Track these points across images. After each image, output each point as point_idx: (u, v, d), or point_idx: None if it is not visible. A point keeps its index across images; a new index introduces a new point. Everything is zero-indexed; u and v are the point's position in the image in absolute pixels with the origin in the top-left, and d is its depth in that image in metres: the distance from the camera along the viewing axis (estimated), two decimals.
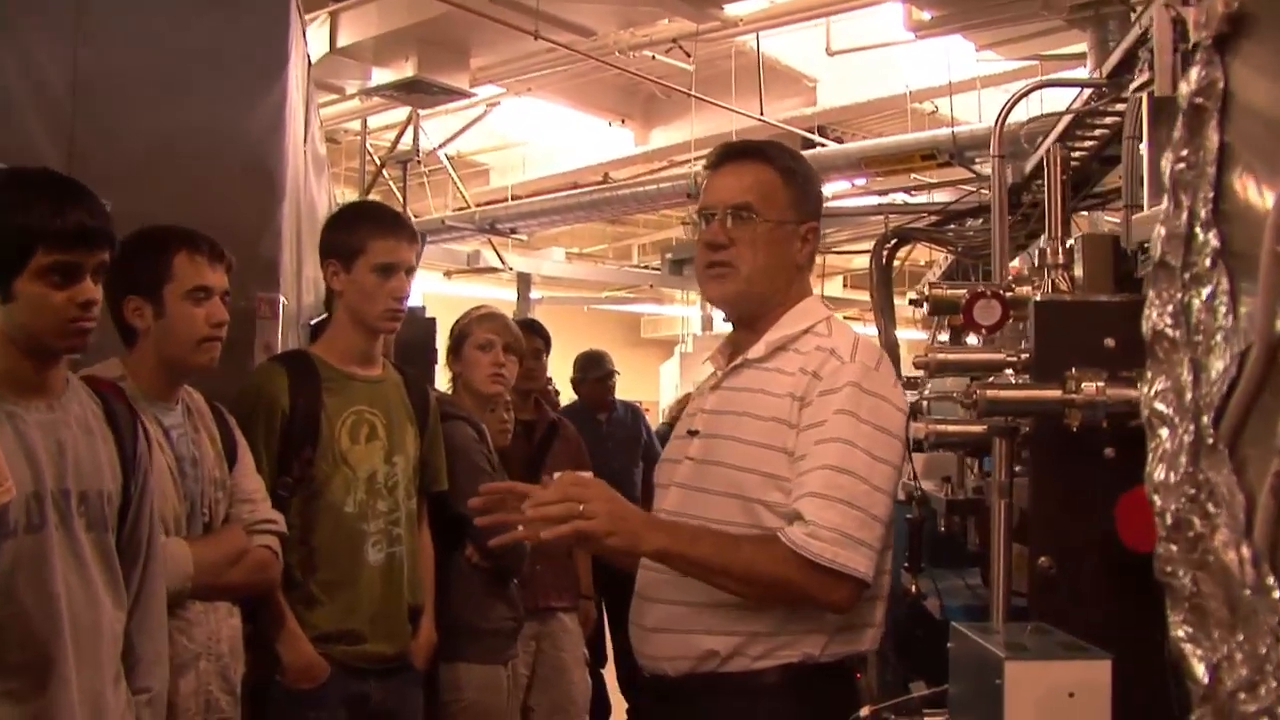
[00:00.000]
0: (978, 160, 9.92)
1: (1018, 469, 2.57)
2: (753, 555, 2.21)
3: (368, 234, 3.29)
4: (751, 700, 2.28)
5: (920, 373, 5.65)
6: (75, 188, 2.26)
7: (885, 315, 6.54)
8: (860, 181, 11.38)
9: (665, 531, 2.25)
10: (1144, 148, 2.48)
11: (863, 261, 15.44)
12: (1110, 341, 2.28)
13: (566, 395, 7.40)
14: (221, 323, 2.86)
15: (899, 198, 11.27)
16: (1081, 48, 8.05)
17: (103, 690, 2.25)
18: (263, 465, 3.12)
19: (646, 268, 18.59)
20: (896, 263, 6.80)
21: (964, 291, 2.62)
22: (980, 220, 6.59)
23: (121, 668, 2.34)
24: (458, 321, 4.14)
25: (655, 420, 12.81)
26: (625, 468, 6.80)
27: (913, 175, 10.99)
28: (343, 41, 9.17)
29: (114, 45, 3.66)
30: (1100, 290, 2.53)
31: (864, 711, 2.09)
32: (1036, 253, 2.79)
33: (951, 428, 2.78)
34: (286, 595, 3.13)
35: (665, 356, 18.83)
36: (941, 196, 10.49)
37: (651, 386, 17.19)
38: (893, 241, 6.75)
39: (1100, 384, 2.19)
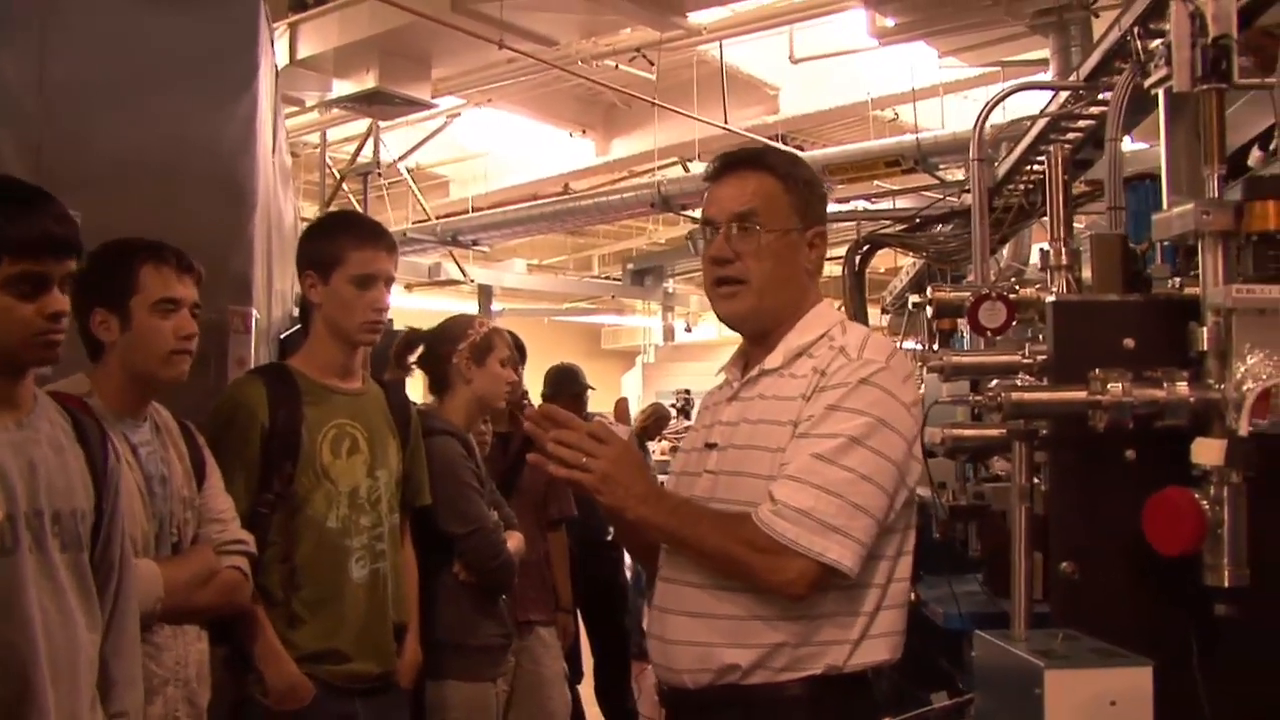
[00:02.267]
0: (942, 166, 9.96)
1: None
2: (711, 530, 2.20)
3: (346, 244, 3.21)
4: (772, 713, 2.22)
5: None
6: (41, 195, 2.17)
7: (859, 321, 6.53)
8: None
9: (653, 504, 2.22)
10: (1135, 144, 2.43)
11: (830, 269, 15.47)
12: (1130, 342, 2.24)
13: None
14: (190, 335, 2.77)
15: (861, 205, 11.29)
16: (1044, 53, 8.08)
17: (80, 716, 2.17)
18: (242, 481, 3.03)
19: (608, 278, 18.56)
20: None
21: (968, 294, 2.58)
22: (950, 226, 6.60)
23: (97, 693, 2.25)
24: (462, 330, 3.98)
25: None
26: None
27: (875, 182, 11.01)
28: (303, 53, 9.10)
29: (81, 54, 3.57)
30: (1110, 291, 2.48)
31: None
32: (1039, 254, 2.74)
33: (968, 432, 2.72)
34: (268, 614, 3.04)
35: (627, 367, 18.81)
36: (904, 204, 10.54)
37: (613, 397, 17.12)
38: (865, 247, 6.77)
39: (1126, 384, 2.15)
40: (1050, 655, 1.66)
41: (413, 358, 4.03)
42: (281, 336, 4.75)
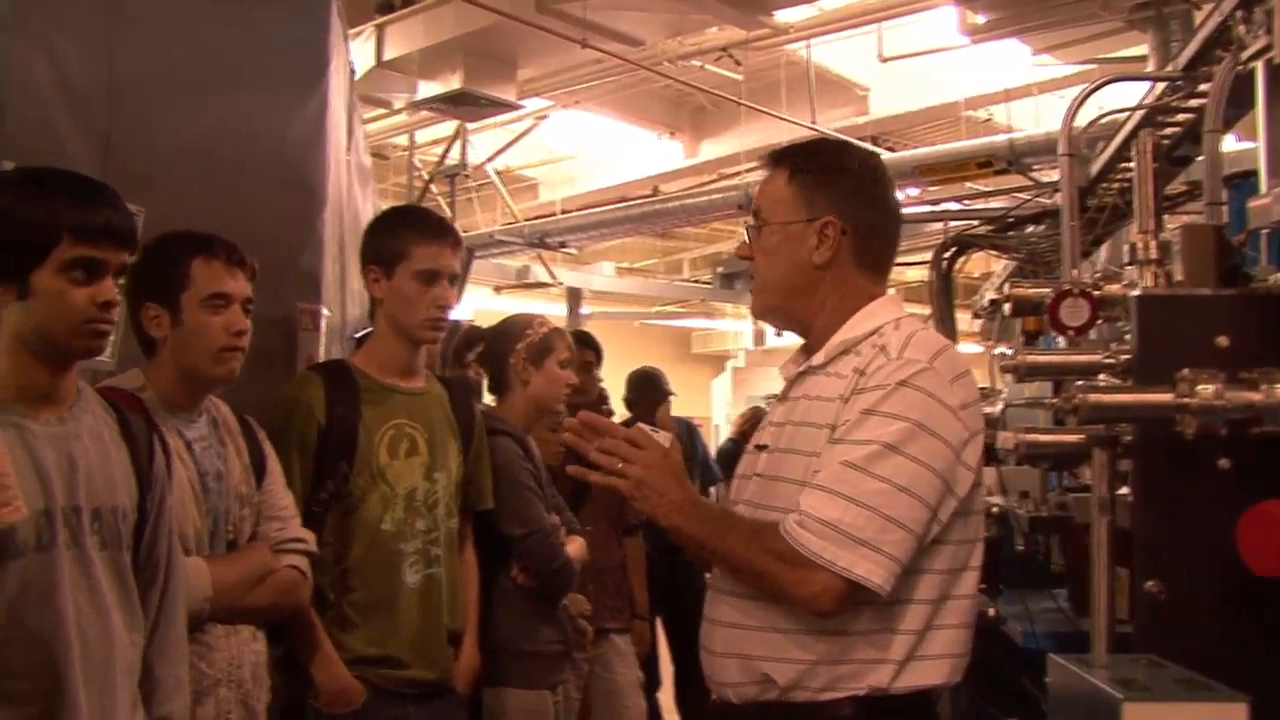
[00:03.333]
0: (1036, 167, 9.72)
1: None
2: (739, 540, 2.14)
3: (410, 239, 3.15)
4: None
5: (988, 385, 5.48)
6: (102, 186, 2.18)
7: (945, 325, 6.38)
8: (913, 192, 11.19)
9: (687, 512, 2.17)
10: (1239, 143, 2.27)
11: (916, 273, 15.26)
12: (1223, 340, 2.07)
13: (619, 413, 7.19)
14: (241, 331, 2.72)
15: (953, 208, 11.08)
16: (1142, 50, 7.85)
17: (116, 717, 2.11)
18: (296, 479, 2.97)
19: (697, 282, 18.46)
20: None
21: (1049, 290, 2.42)
22: (1043, 226, 6.42)
23: (139, 694, 2.20)
24: (520, 330, 3.90)
25: (709, 437, 12.66)
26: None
27: (967, 184, 10.80)
28: (389, 55, 9.10)
29: (149, 47, 3.53)
30: (1203, 285, 2.31)
31: None
32: (1126, 249, 2.57)
33: (1045, 438, 2.56)
34: (320, 615, 2.98)
35: (717, 372, 18.70)
36: (996, 205, 10.31)
37: (703, 402, 17.03)
38: (953, 249, 6.60)
39: (1218, 386, 1.98)
40: (1131, 686, 1.51)
41: (471, 355, 3.95)
42: (357, 336, 4.70)
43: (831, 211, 2.26)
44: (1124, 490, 2.44)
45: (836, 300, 2.27)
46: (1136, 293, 2.23)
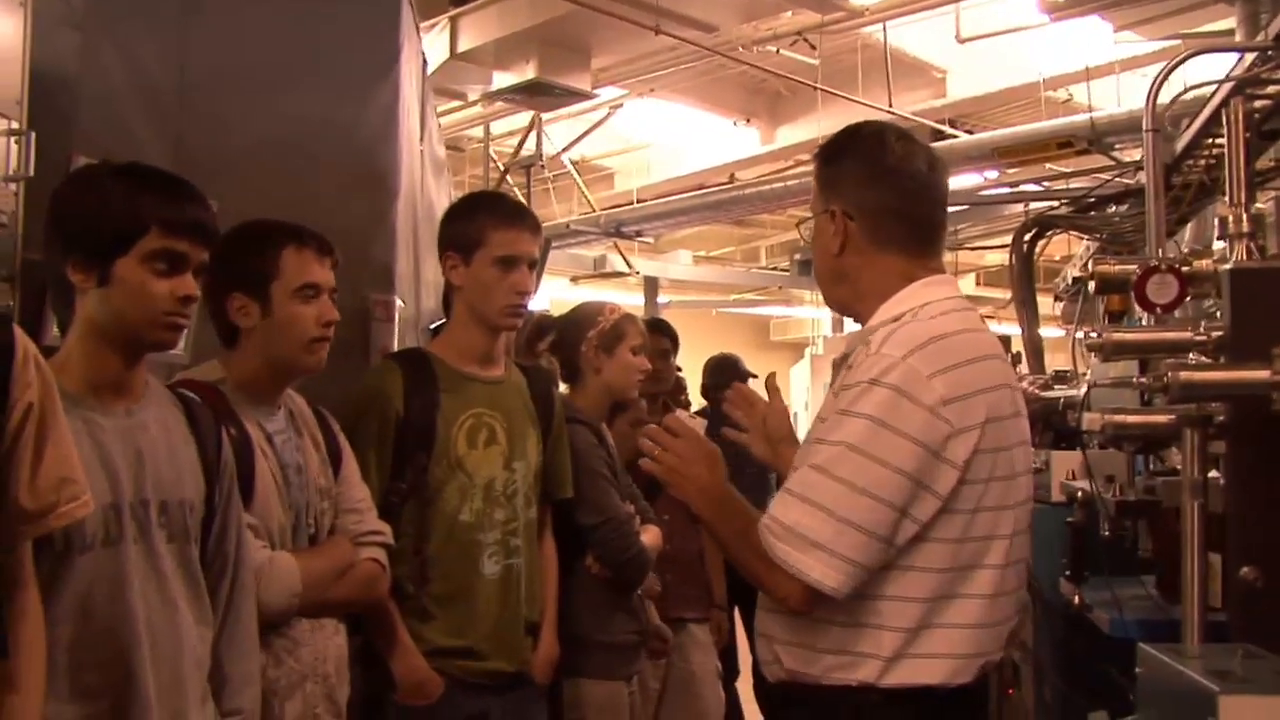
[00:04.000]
0: (1118, 146, 9.53)
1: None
2: (740, 537, 2.19)
3: (488, 225, 3.13)
4: (841, 717, 2.16)
5: (1069, 368, 5.37)
6: (188, 183, 2.21)
7: (1027, 308, 6.27)
8: (992, 174, 11.03)
9: (709, 501, 2.24)
10: None
11: (996, 257, 15.08)
12: None
13: (696, 403, 7.12)
14: (331, 322, 2.71)
15: (1031, 189, 10.91)
16: (1229, 23, 7.65)
17: (187, 712, 2.12)
18: (374, 470, 2.97)
19: (774, 269, 18.34)
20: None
21: (1135, 266, 2.34)
22: (1125, 206, 6.28)
23: (208, 688, 2.20)
24: (590, 317, 3.87)
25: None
26: (760, 473, 6.54)
27: (1047, 165, 10.62)
28: (463, 46, 9.12)
29: (221, 42, 3.55)
30: None
31: None
32: (1216, 223, 2.49)
33: (1132, 419, 2.47)
34: (399, 607, 2.97)
35: (796, 359, 18.56)
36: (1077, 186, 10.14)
37: (783, 390, 16.90)
38: (1033, 230, 6.48)
39: None
40: (1227, 677, 1.43)
41: (543, 345, 3.93)
42: (432, 327, 4.71)
43: (837, 199, 2.28)
44: (1214, 473, 2.36)
45: (869, 286, 2.28)
46: (1228, 267, 2.14)
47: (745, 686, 5.94)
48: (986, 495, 2.11)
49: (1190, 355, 2.18)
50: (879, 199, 2.27)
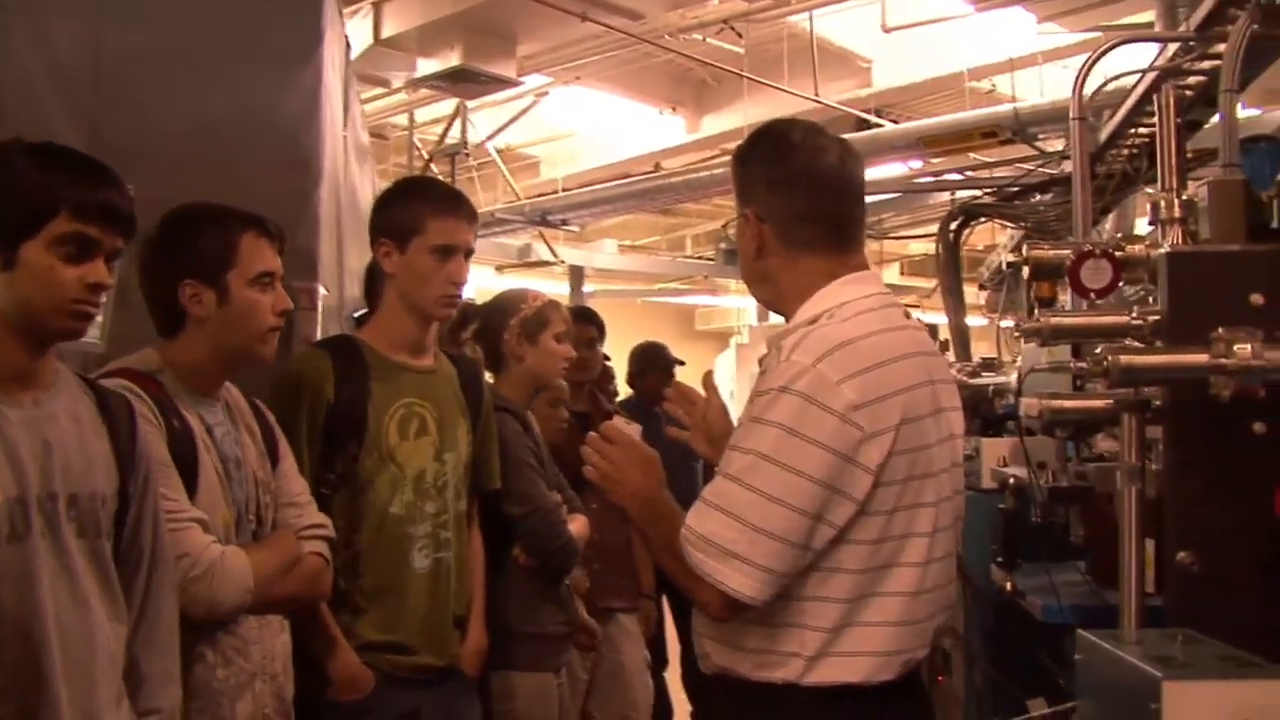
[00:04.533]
0: (1041, 136, 9.62)
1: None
2: (666, 543, 2.19)
3: (426, 212, 3.07)
4: (752, 714, 2.19)
5: (995, 356, 5.40)
6: (106, 168, 2.13)
7: (953, 296, 6.31)
8: (916, 164, 11.10)
9: (642, 507, 2.25)
10: (1245, 109, 2.15)
11: (920, 246, 15.19)
12: (1258, 298, 1.99)
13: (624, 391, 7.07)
14: (286, 310, 2.66)
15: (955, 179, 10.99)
16: (1149, 16, 7.73)
17: (100, 714, 2.04)
18: (304, 460, 2.90)
19: (700, 258, 18.34)
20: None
21: (1069, 251, 2.33)
22: (1050, 195, 6.34)
23: (124, 688, 2.12)
24: (513, 304, 3.83)
25: None
26: (685, 463, 6.52)
27: (971, 155, 10.70)
28: (386, 32, 9.00)
29: (138, 24, 3.46)
30: (1232, 243, 2.22)
31: None
32: (1149, 208, 2.49)
33: (1069, 404, 2.47)
34: (328, 601, 2.90)
35: (721, 348, 18.59)
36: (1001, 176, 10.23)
37: (686, 361, 16.89)
38: (960, 218, 6.52)
39: (1255, 345, 1.88)
40: (1169, 663, 1.42)
41: (467, 333, 3.88)
42: (355, 316, 4.63)
43: (749, 204, 2.28)
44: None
45: (789, 286, 2.28)
46: (1164, 250, 2.13)
47: (673, 676, 5.93)
48: (904, 495, 2.12)
49: (1127, 341, 2.18)
50: (788, 203, 2.25)
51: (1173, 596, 2.06)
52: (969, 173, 11.19)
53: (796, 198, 2.25)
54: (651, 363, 6.61)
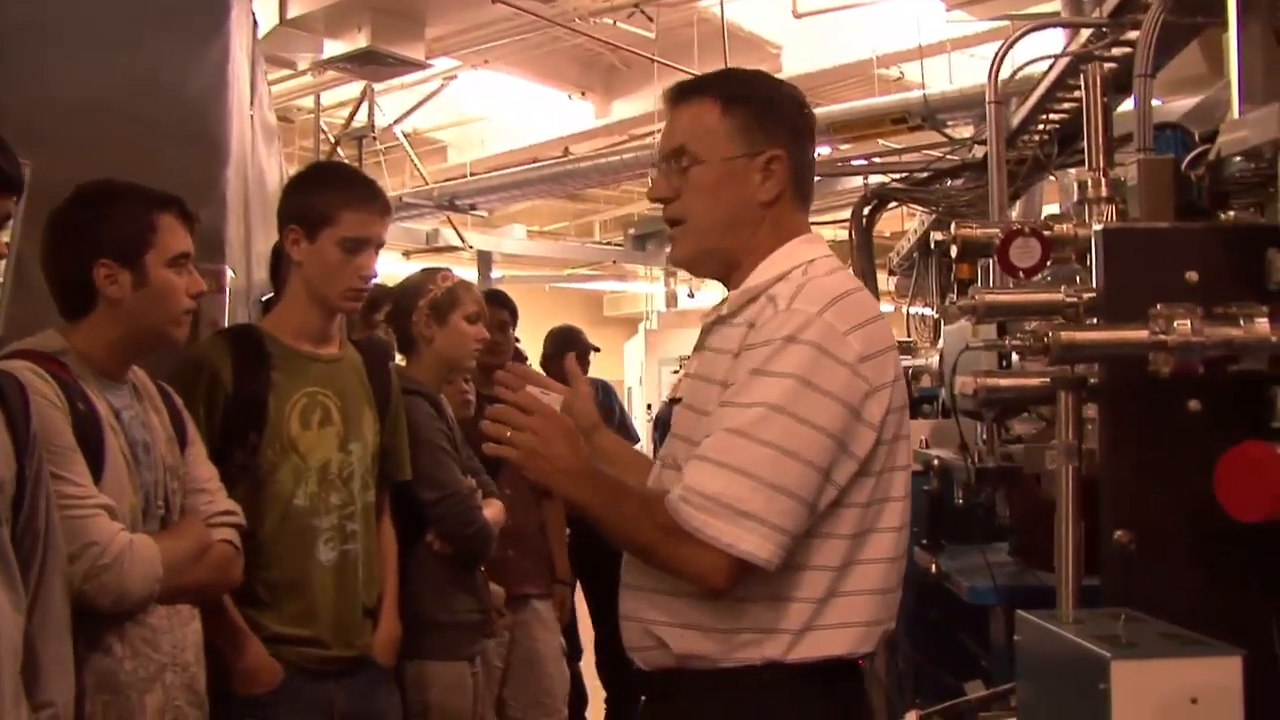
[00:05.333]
0: (950, 123, 9.71)
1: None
2: (632, 514, 2.01)
3: (339, 203, 2.96)
4: (724, 703, 2.03)
5: (911, 338, 5.43)
6: None
7: (867, 280, 6.33)
8: (825, 151, 11.14)
9: (580, 482, 2.02)
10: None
11: (829, 232, 15.28)
12: (1193, 275, 1.98)
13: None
14: (200, 293, 2.58)
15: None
16: (1054, 6, 7.83)
17: (2, 713, 1.94)
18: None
19: (609, 244, 18.34)
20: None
21: (998, 230, 2.31)
22: (961, 180, 6.40)
23: (21, 684, 2.01)
24: (422, 285, 3.76)
25: (624, 398, 12.57)
26: None
27: (880, 141, 10.78)
28: (293, 12, 8.86)
29: None
30: (1161, 221, 2.22)
31: (911, 716, 1.78)
32: (1076, 186, 2.48)
33: (1005, 382, 2.45)
34: (231, 594, 2.81)
35: (630, 334, 18.61)
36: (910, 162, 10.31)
37: (616, 365, 16.91)
38: (873, 203, 6.55)
39: (1195, 321, 1.87)
40: (1115, 643, 1.39)
41: (379, 316, 3.80)
42: (263, 300, 4.53)
43: (775, 144, 2.12)
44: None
45: (770, 240, 2.14)
46: (1099, 228, 2.12)
47: (587, 665, 5.90)
48: (890, 456, 2.03)
49: (1056, 319, 2.17)
50: (804, 152, 2.17)
51: (1110, 576, 2.05)
52: (876, 159, 11.27)
53: (808, 148, 2.19)
54: (568, 346, 6.55)
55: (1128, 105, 3.28)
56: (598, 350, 6.72)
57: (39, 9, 3.32)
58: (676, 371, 12.50)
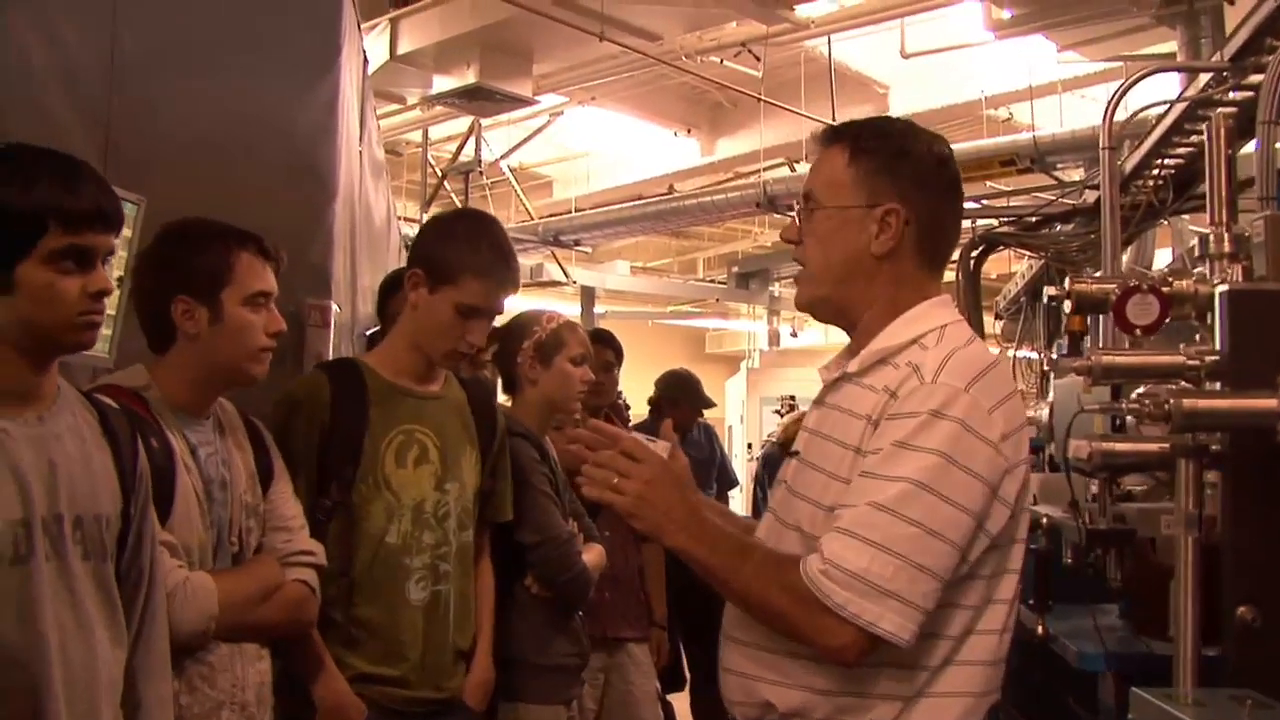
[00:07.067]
0: (1059, 166, 9.57)
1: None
2: (756, 574, 1.95)
3: (468, 265, 2.89)
4: None
5: (1019, 386, 5.30)
6: (82, 165, 1.99)
7: (973, 325, 6.22)
8: None
9: (693, 532, 1.97)
10: None
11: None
12: None
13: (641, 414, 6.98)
14: (279, 332, 2.56)
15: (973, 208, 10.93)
16: (1170, 46, 7.69)
17: None
18: (298, 484, 2.79)
19: (712, 281, 18.31)
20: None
21: (1114, 286, 2.23)
22: (1071, 225, 6.28)
23: (121, 716, 2.02)
24: (527, 327, 3.71)
25: (724, 438, 12.49)
26: (699, 489, 6.42)
27: (988, 184, 10.65)
28: (403, 49, 8.98)
29: (155, 23, 3.34)
30: None
31: None
32: (1197, 241, 2.40)
33: (1122, 447, 2.36)
34: (321, 631, 2.80)
35: (731, 372, 18.53)
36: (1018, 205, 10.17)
37: (717, 403, 16.85)
38: (980, 247, 6.45)
39: None
40: None
41: (487, 355, 3.77)
42: (368, 334, 4.56)
43: (895, 198, 2.05)
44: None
45: (889, 296, 2.07)
46: (1224, 288, 2.04)
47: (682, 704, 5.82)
48: (1017, 529, 1.99)
49: (1176, 382, 2.09)
50: (938, 209, 2.09)
51: (1234, 654, 1.95)
52: (984, 201, 11.14)
53: (944, 205, 2.11)
54: (686, 393, 6.55)
55: (1248, 148, 3.18)
56: (713, 405, 6.67)
57: (154, 40, 3.35)
58: (778, 411, 12.35)
